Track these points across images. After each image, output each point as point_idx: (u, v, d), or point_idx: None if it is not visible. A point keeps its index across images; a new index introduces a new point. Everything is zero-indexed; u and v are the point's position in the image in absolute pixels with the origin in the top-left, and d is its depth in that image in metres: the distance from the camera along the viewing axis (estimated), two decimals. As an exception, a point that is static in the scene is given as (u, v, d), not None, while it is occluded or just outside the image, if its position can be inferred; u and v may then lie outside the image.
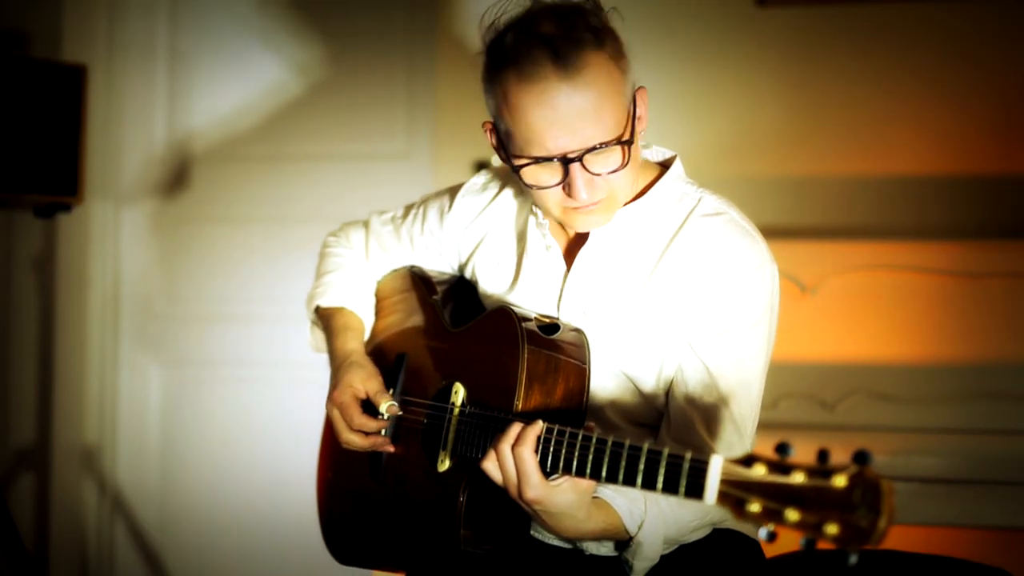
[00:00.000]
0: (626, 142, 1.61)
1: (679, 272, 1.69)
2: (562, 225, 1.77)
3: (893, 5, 3.22)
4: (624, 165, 1.62)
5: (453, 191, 1.95)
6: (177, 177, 3.71)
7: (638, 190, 1.73)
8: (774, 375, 1.75)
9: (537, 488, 1.51)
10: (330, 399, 1.83)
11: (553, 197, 1.65)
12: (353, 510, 1.93)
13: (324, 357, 2.10)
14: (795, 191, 3.24)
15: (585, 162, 1.60)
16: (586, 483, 1.52)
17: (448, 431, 1.73)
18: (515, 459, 1.52)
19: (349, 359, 1.86)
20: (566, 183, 1.62)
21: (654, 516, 1.60)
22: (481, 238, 1.89)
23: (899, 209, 3.20)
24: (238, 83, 3.67)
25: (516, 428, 1.53)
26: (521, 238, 1.84)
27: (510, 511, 1.68)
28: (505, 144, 1.66)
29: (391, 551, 1.85)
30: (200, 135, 3.70)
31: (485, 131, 1.71)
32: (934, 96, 3.20)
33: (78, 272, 3.66)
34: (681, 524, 1.64)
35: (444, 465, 1.72)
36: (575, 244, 1.77)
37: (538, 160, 1.61)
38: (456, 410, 1.73)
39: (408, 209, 2.02)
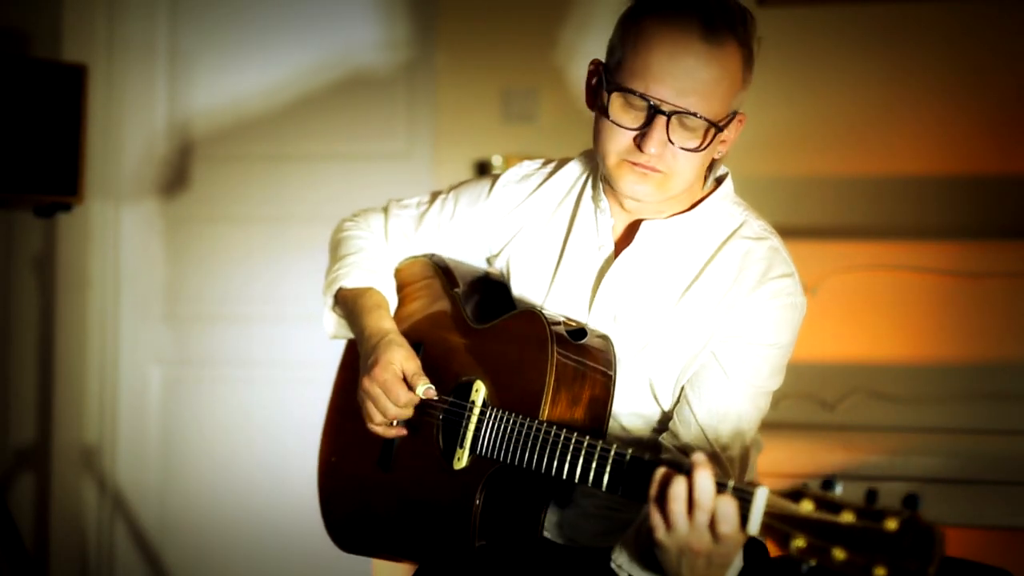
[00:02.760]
0: (718, 127, 1.63)
1: (715, 289, 1.69)
2: (608, 194, 1.76)
3: (893, 5, 3.22)
4: (700, 149, 1.64)
5: (493, 179, 1.91)
6: (177, 177, 3.71)
7: (692, 201, 1.74)
8: (774, 374, 1.75)
9: (736, 526, 1.36)
10: (370, 376, 1.75)
11: (620, 142, 1.65)
12: (358, 497, 1.90)
13: (324, 357, 2.09)
14: (795, 191, 3.24)
15: (672, 121, 1.61)
16: (744, 537, 1.40)
17: (467, 429, 1.71)
18: (718, 504, 1.37)
19: (387, 337, 1.80)
20: (642, 133, 1.63)
21: (738, 563, 1.54)
22: (518, 230, 1.87)
23: (899, 209, 3.20)
24: (238, 83, 3.67)
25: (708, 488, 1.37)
26: (565, 234, 1.82)
27: (523, 512, 1.67)
28: (608, 75, 1.67)
29: (396, 540, 1.83)
30: (200, 135, 3.70)
31: (588, 70, 1.73)
32: (934, 96, 3.20)
33: (78, 272, 3.66)
34: None
35: (461, 463, 1.70)
36: (620, 244, 1.76)
37: (634, 93, 1.62)
38: (477, 409, 1.71)
39: (435, 196, 1.98)
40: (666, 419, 1.72)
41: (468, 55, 3.45)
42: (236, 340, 3.67)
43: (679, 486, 1.36)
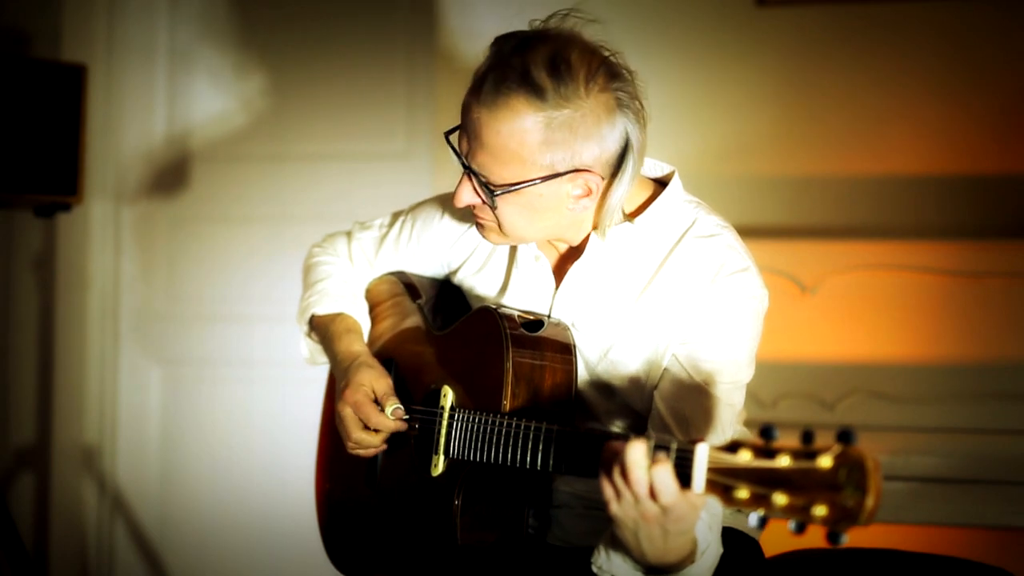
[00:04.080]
0: (489, 191, 1.63)
1: (671, 290, 1.69)
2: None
3: (893, 5, 3.22)
4: (483, 205, 1.66)
5: (444, 201, 1.95)
6: (177, 177, 3.71)
7: (635, 207, 1.72)
8: (774, 375, 1.75)
9: (675, 495, 1.35)
10: (341, 399, 1.80)
11: None
12: (351, 519, 1.93)
13: (323, 357, 2.10)
14: (795, 191, 3.24)
15: (471, 174, 1.65)
16: (699, 499, 1.39)
17: (439, 435, 1.73)
18: (653, 475, 1.36)
19: (358, 360, 1.84)
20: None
21: (714, 548, 1.57)
22: (472, 250, 1.90)
23: (899, 209, 3.20)
24: (238, 83, 3.67)
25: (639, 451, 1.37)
26: (511, 249, 1.84)
27: (505, 511, 1.69)
28: None
29: (390, 558, 1.85)
30: (200, 134, 3.70)
31: None
32: (933, 96, 3.19)
33: (78, 272, 3.66)
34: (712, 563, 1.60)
35: (437, 469, 1.73)
36: (568, 257, 1.77)
37: (453, 148, 1.69)
38: (446, 413, 1.73)
39: (396, 216, 2.02)
40: (640, 423, 1.72)
41: (468, 55, 3.45)
42: (236, 340, 3.67)
43: (616, 458, 1.37)
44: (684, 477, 1.32)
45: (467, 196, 1.68)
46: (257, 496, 3.61)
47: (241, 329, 3.66)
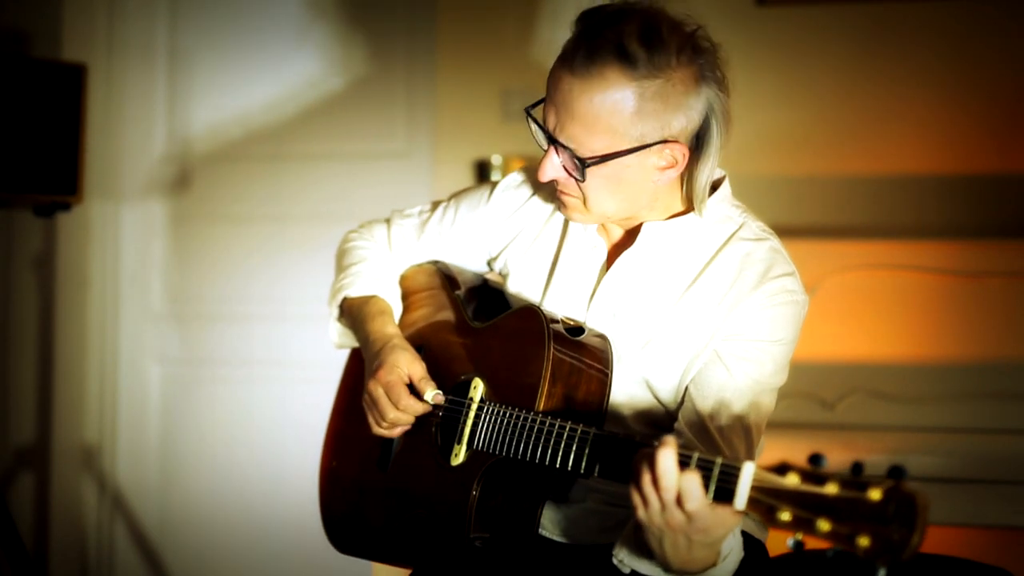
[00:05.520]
0: (580, 163, 1.63)
1: (717, 288, 1.71)
2: (604, 226, 1.80)
3: (893, 5, 3.22)
4: (568, 180, 1.66)
5: (492, 185, 1.96)
6: (177, 176, 3.71)
7: (688, 204, 1.75)
8: (773, 373, 1.76)
9: (700, 501, 1.37)
10: (374, 379, 1.78)
11: None
12: (357, 500, 1.92)
13: (324, 356, 2.10)
14: (795, 191, 3.24)
15: (560, 149, 1.65)
16: (733, 517, 1.41)
17: (464, 425, 1.73)
18: (682, 482, 1.38)
19: (391, 342, 1.83)
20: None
21: (736, 553, 1.57)
22: (517, 232, 1.90)
23: (899, 209, 3.20)
24: (238, 82, 3.67)
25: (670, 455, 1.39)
26: (560, 234, 1.85)
27: (520, 506, 1.68)
28: None
29: (393, 543, 1.84)
30: (200, 134, 3.70)
31: None
32: (934, 96, 3.20)
33: (78, 272, 3.66)
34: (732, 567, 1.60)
35: (458, 459, 1.72)
36: (617, 248, 1.78)
37: (536, 122, 1.68)
38: (475, 405, 1.73)
39: (436, 204, 2.02)
40: (669, 418, 1.73)
41: (468, 55, 3.45)
42: (236, 340, 3.67)
43: (647, 464, 1.39)
44: (727, 493, 1.34)
45: (553, 170, 1.67)
46: (257, 496, 3.61)
47: (241, 329, 3.66)
